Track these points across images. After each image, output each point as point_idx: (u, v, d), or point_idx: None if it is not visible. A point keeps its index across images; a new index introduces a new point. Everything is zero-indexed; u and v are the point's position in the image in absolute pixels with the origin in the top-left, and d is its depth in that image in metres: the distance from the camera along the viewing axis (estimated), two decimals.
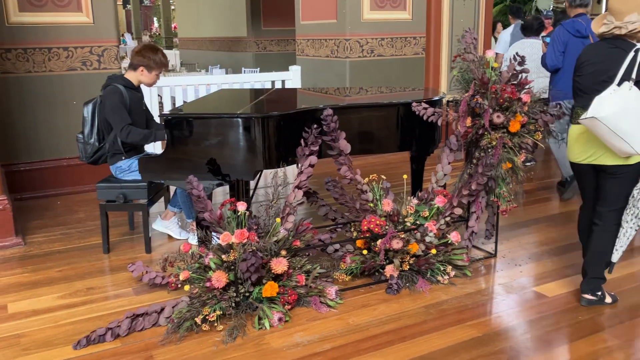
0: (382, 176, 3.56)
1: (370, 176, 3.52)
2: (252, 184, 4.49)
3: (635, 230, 3.01)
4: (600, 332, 2.82)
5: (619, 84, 2.72)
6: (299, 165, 3.33)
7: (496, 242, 3.77)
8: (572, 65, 3.35)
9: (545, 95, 3.56)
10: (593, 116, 2.66)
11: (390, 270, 3.25)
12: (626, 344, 2.71)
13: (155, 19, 24.91)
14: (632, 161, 2.86)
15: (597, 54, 2.94)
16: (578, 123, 2.93)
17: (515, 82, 3.40)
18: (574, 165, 3.14)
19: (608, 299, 3.09)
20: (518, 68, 3.37)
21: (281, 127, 3.37)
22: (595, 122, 2.68)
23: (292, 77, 6.32)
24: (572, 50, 4.83)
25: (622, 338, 2.76)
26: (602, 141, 2.80)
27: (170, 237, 4.13)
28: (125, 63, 7.74)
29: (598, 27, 2.91)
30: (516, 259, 3.71)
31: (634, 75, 2.75)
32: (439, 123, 3.65)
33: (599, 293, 3.07)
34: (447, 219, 3.46)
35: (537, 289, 3.28)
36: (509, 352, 2.66)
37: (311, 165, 3.26)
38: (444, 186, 3.64)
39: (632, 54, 2.76)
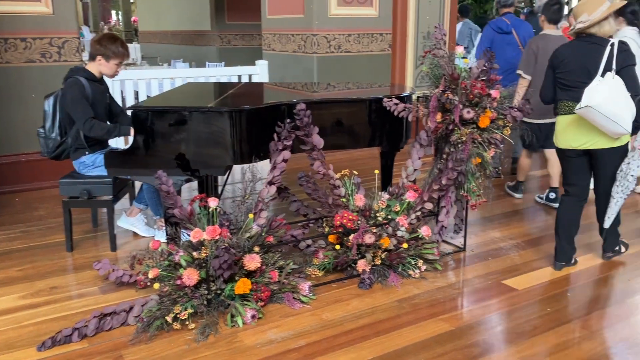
0: (354, 171, 3.55)
1: (343, 171, 3.51)
2: (221, 180, 4.42)
3: (624, 199, 3.37)
4: (569, 323, 2.88)
5: (602, 75, 3.08)
6: (272, 160, 3.29)
7: (465, 237, 3.81)
8: (500, 58, 4.13)
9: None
10: (587, 105, 3.00)
11: (362, 265, 3.25)
12: (593, 335, 2.78)
13: (113, 12, 24.34)
14: (622, 142, 3.25)
15: (576, 51, 3.27)
16: (568, 113, 3.28)
17: (484, 78, 3.44)
18: (564, 152, 3.41)
19: (623, 250, 3.67)
20: (487, 64, 3.40)
21: (253, 122, 3.32)
22: (590, 110, 3.01)
23: (259, 72, 6.25)
24: (498, 45, 5.48)
25: (589, 329, 2.83)
26: (596, 126, 3.12)
27: (135, 234, 4.03)
28: (86, 56, 7.52)
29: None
30: (485, 252, 3.77)
31: (614, 66, 3.10)
32: (410, 119, 3.66)
33: (617, 248, 3.61)
34: (418, 213, 3.48)
35: (506, 282, 3.33)
36: (482, 345, 2.69)
37: (284, 160, 3.22)
38: (414, 181, 3.66)
39: (608, 48, 3.14)
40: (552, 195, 4.78)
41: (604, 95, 2.99)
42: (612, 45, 3.14)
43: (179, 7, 12.12)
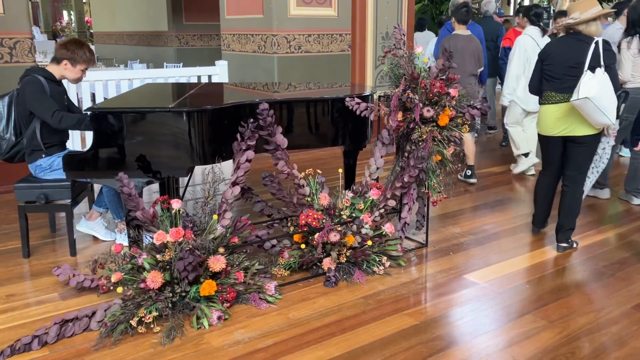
0: (318, 170, 3.57)
1: (307, 170, 3.52)
2: (182, 182, 4.37)
3: (596, 177, 3.88)
4: (528, 314, 2.97)
5: (591, 70, 3.40)
6: (235, 160, 3.28)
7: (427, 233, 3.88)
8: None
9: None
10: (586, 97, 3.31)
11: (327, 263, 3.27)
12: (552, 324, 2.87)
13: (65, 12, 23.71)
14: (597, 131, 3.59)
15: (563, 45, 3.63)
16: (551, 103, 3.63)
17: (443, 77, 3.51)
18: (545, 138, 3.77)
19: (575, 245, 3.87)
20: (446, 63, 3.48)
21: (214, 122, 3.30)
22: (587, 102, 3.33)
23: (218, 72, 6.21)
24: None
25: (547, 319, 2.92)
26: (584, 116, 3.46)
27: (95, 238, 3.95)
28: (38, 57, 7.29)
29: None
30: (447, 248, 3.84)
31: (602, 62, 3.43)
32: (372, 118, 3.70)
33: (570, 240, 3.82)
34: (382, 210, 3.52)
35: (468, 276, 3.41)
36: (446, 339, 2.74)
37: (248, 160, 3.21)
38: (377, 179, 3.71)
39: (593, 45, 3.47)
40: (469, 172, 5.39)
41: (598, 88, 3.31)
42: (597, 43, 3.47)
43: (134, 8, 11.91)
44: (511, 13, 14.82)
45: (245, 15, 6.67)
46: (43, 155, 3.60)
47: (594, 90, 3.31)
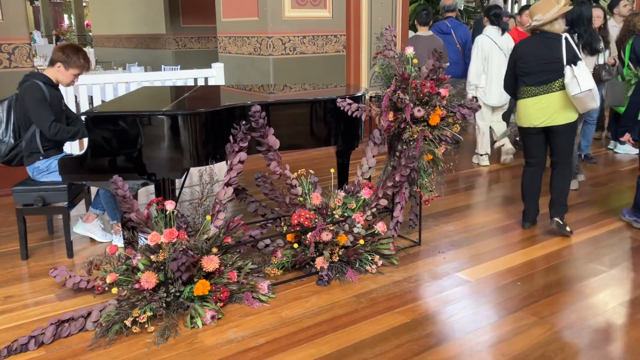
0: (311, 171, 3.61)
1: (299, 171, 3.56)
2: (178, 183, 4.41)
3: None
4: (519, 311, 3.00)
5: (570, 63, 3.69)
6: (228, 162, 3.32)
7: (420, 231, 3.92)
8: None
9: None
10: (589, 89, 3.61)
11: (320, 262, 3.31)
12: (542, 321, 2.90)
13: (65, 15, 23.80)
14: (574, 118, 3.86)
15: (535, 45, 3.86)
16: (530, 96, 3.85)
17: (434, 78, 3.55)
18: (526, 129, 3.96)
19: (568, 229, 3.97)
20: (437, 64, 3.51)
21: (208, 124, 3.35)
22: (589, 93, 3.62)
23: (215, 75, 6.25)
24: None
25: (538, 315, 2.95)
26: (577, 105, 3.74)
27: (92, 240, 3.99)
28: (37, 61, 7.35)
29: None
30: (439, 246, 3.88)
31: (580, 55, 3.80)
32: (363, 118, 3.74)
33: (564, 221, 3.97)
34: (373, 210, 3.56)
35: (459, 274, 3.44)
36: (436, 336, 2.78)
37: (241, 162, 3.26)
38: (369, 179, 3.75)
39: (563, 41, 3.76)
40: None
41: (590, 79, 3.63)
42: (566, 39, 3.78)
43: (133, 11, 11.97)
44: (515, 11, 14.79)
45: (240, 17, 6.72)
46: (41, 158, 3.65)
47: (590, 81, 3.62)
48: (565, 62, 3.73)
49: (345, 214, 3.48)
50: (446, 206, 4.69)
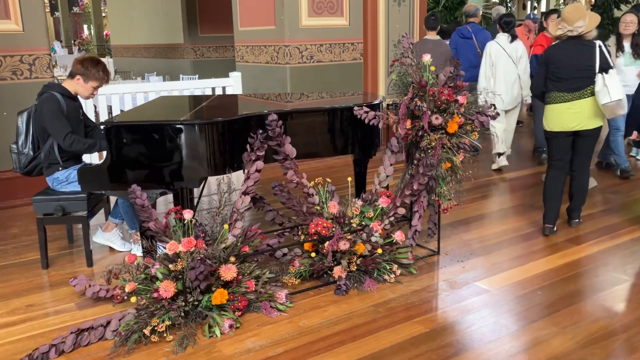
0: (327, 179, 3.61)
1: (316, 179, 3.56)
2: (197, 192, 4.44)
3: None
4: (539, 321, 2.96)
5: (602, 71, 3.84)
6: (245, 170, 3.33)
7: (439, 240, 3.89)
8: (463, 57, 5.85)
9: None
10: (619, 99, 3.76)
11: (338, 271, 3.30)
12: (563, 331, 2.86)
13: (85, 26, 24.17)
14: (601, 123, 4.04)
15: (570, 51, 3.94)
16: (561, 102, 3.96)
17: (451, 85, 3.53)
18: (557, 133, 4.06)
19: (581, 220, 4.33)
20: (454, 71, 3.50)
21: (226, 133, 3.36)
22: (619, 102, 3.78)
23: (232, 84, 6.29)
24: (460, 48, 6.69)
25: (559, 325, 2.91)
26: (606, 112, 3.88)
27: (112, 249, 4.03)
28: (57, 72, 7.46)
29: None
30: (458, 255, 3.84)
31: (611, 63, 3.92)
32: (380, 126, 3.74)
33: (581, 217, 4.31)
34: (391, 218, 3.54)
35: (479, 284, 3.41)
36: (455, 346, 2.75)
37: (258, 171, 3.27)
38: (387, 187, 3.73)
39: (597, 48, 3.89)
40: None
41: (619, 87, 3.80)
42: (600, 47, 3.91)
43: (151, 21, 12.11)
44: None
45: (258, 27, 6.75)
46: (60, 169, 3.69)
47: (621, 89, 3.79)
48: (597, 70, 3.86)
49: (363, 223, 3.47)
50: (465, 215, 4.66)
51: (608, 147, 5.84)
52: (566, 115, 3.97)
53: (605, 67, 3.86)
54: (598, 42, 3.92)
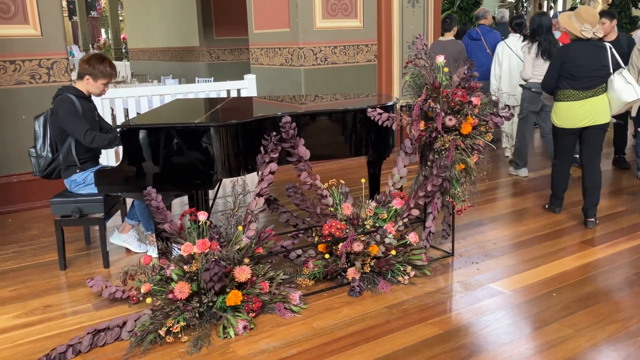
0: (341, 181, 3.61)
1: (330, 181, 3.57)
2: (211, 194, 4.47)
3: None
4: (554, 323, 2.94)
5: (614, 71, 4.15)
6: (259, 172, 3.35)
7: (453, 241, 3.87)
8: (474, 59, 5.89)
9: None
10: (638, 97, 4.07)
11: (352, 273, 3.30)
12: (579, 333, 2.83)
13: (102, 30, 24.45)
14: (609, 118, 4.25)
15: (587, 51, 4.15)
16: (574, 100, 4.17)
17: (465, 86, 3.52)
18: (564, 130, 4.29)
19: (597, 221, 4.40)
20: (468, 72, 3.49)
21: (240, 136, 3.39)
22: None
23: (247, 86, 6.32)
24: (470, 49, 6.97)
25: (574, 327, 2.89)
26: (621, 105, 4.14)
27: (128, 250, 4.07)
28: (74, 75, 7.54)
29: (576, 30, 4.12)
30: (473, 257, 3.83)
31: (621, 63, 4.19)
32: (394, 127, 3.73)
33: (597, 218, 4.39)
34: (405, 220, 3.54)
35: (493, 285, 3.39)
36: (469, 347, 2.74)
37: (271, 172, 3.28)
38: (401, 189, 3.73)
39: (609, 50, 4.15)
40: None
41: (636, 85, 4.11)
42: (610, 48, 4.19)
43: (167, 24, 12.23)
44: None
45: (272, 29, 6.78)
46: (77, 171, 3.75)
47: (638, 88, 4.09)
48: (611, 70, 4.15)
49: (377, 225, 3.47)
50: (479, 216, 4.63)
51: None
52: (579, 113, 4.17)
53: (617, 67, 4.15)
54: (608, 44, 4.19)
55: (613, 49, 4.18)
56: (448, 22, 6.48)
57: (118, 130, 3.39)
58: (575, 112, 4.19)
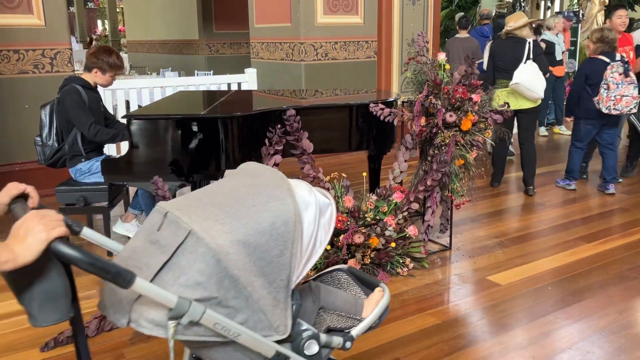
0: (343, 174, 3.68)
1: (332, 174, 3.64)
2: None
3: None
4: (549, 315, 3.02)
5: (525, 62, 4.92)
6: (264, 164, 3.41)
7: (451, 235, 3.95)
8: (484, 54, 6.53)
9: None
10: (517, 82, 4.83)
11: (352, 264, 3.37)
12: (572, 325, 2.92)
13: (99, 21, 24.36)
14: (536, 104, 5.06)
15: (507, 46, 5.07)
16: (504, 87, 4.98)
17: (466, 83, 3.59)
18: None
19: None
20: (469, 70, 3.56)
21: (244, 128, 3.45)
22: (519, 85, 4.84)
23: (248, 80, 6.38)
24: (482, 46, 7.30)
25: (569, 319, 2.97)
26: (523, 94, 4.89)
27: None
28: (77, 66, 7.57)
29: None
30: (470, 250, 3.91)
31: (531, 56, 4.94)
32: (395, 123, 3.80)
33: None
34: (405, 213, 3.61)
35: (490, 278, 3.47)
36: (466, 337, 2.82)
37: (276, 164, 3.35)
38: (401, 183, 3.80)
39: (527, 45, 4.95)
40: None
41: (526, 74, 4.83)
42: (529, 43, 4.96)
43: (166, 16, 12.23)
44: (541, 16, 14.68)
45: (273, 23, 6.84)
46: (83, 160, 3.80)
47: (522, 76, 4.80)
48: (524, 61, 4.98)
49: (377, 217, 3.54)
50: (477, 211, 4.72)
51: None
52: (506, 98, 4.87)
53: (528, 59, 4.99)
54: (529, 40, 5.00)
55: (531, 43, 4.93)
56: (464, 21, 7.09)
57: (125, 120, 3.44)
58: (504, 98, 4.84)
